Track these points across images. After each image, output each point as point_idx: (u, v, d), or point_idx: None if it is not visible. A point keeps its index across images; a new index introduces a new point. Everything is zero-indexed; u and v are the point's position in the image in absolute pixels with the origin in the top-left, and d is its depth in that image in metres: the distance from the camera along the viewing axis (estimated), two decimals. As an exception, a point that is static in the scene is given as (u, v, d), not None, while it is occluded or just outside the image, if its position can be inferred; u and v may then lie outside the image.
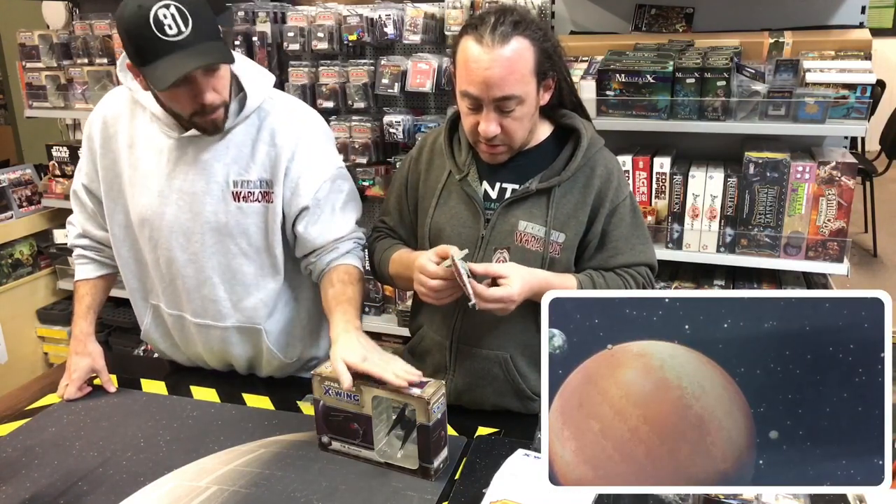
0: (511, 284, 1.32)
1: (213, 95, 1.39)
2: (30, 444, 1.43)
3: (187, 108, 1.40)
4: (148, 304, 1.70)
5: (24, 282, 3.29)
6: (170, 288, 1.62)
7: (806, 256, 2.21)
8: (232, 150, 1.50)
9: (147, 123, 1.53)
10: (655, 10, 2.49)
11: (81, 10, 3.31)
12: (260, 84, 1.52)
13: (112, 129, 1.57)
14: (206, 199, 1.51)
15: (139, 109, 1.54)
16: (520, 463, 1.22)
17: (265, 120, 1.52)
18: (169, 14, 1.29)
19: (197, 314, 1.61)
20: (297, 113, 1.57)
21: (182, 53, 1.31)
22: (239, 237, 1.54)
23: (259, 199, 1.52)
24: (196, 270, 1.56)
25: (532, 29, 1.33)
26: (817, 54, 2.23)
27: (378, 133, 2.72)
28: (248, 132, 1.51)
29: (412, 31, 2.55)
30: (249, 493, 1.26)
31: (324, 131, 1.60)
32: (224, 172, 1.50)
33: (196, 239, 1.54)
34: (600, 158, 1.46)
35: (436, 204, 1.51)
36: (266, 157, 1.51)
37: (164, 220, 1.53)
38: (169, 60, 1.31)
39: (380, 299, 2.93)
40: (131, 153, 1.55)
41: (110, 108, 1.58)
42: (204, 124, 1.44)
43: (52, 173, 3.31)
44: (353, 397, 1.30)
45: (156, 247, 1.57)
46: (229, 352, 1.66)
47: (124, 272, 1.67)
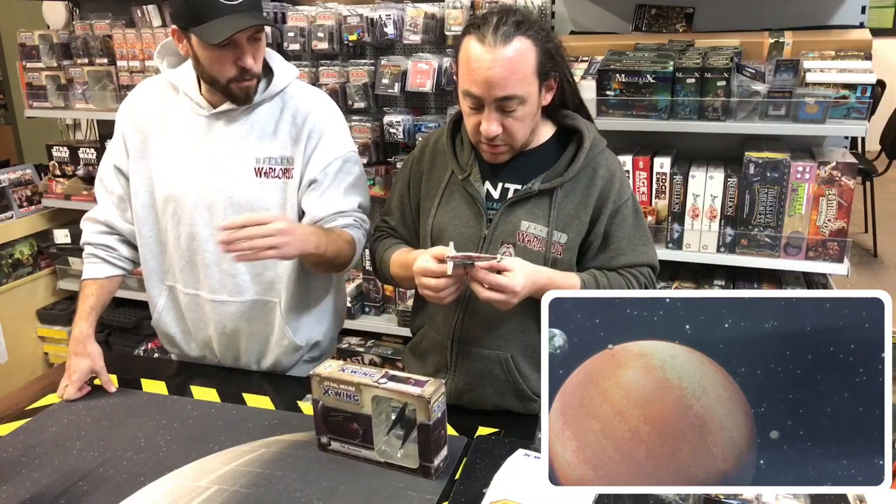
0: (515, 276, 1.32)
1: (252, 61, 1.50)
2: (30, 444, 1.43)
3: (228, 71, 1.50)
4: (164, 286, 1.74)
5: (24, 282, 3.29)
6: (188, 266, 1.67)
7: (806, 256, 2.21)
8: (256, 128, 1.60)
9: (178, 106, 1.63)
10: (655, 10, 2.49)
11: (81, 10, 3.31)
12: (287, 68, 1.64)
13: (143, 116, 1.66)
14: (230, 175, 1.59)
15: (170, 93, 1.65)
16: (520, 463, 1.22)
17: (288, 102, 1.62)
18: None
19: (214, 290, 1.66)
20: (319, 98, 1.67)
21: (236, 16, 1.43)
22: (261, 212, 1.59)
23: (280, 176, 1.61)
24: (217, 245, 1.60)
25: (534, 29, 1.33)
26: (817, 54, 2.23)
27: (378, 133, 2.72)
28: (271, 112, 1.61)
29: (412, 31, 2.55)
30: (249, 493, 1.26)
31: (341, 117, 1.69)
32: (248, 149, 1.59)
33: (219, 213, 1.60)
34: (602, 159, 1.47)
35: (438, 204, 1.51)
36: (287, 135, 1.60)
37: (188, 195, 1.61)
38: (223, 20, 1.43)
39: (380, 299, 2.93)
40: (162, 134, 1.64)
41: (141, 98, 1.69)
42: (238, 91, 1.54)
43: (52, 173, 3.31)
44: (353, 397, 1.30)
45: (179, 223, 1.64)
46: (241, 331, 1.69)
47: (143, 252, 1.72)
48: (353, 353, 2.93)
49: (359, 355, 2.93)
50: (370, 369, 1.33)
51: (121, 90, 3.03)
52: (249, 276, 1.65)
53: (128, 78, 3.02)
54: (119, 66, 3.03)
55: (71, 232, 3.25)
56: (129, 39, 2.99)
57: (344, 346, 2.94)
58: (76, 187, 3.21)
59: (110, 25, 3.04)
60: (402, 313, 2.82)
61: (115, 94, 3.04)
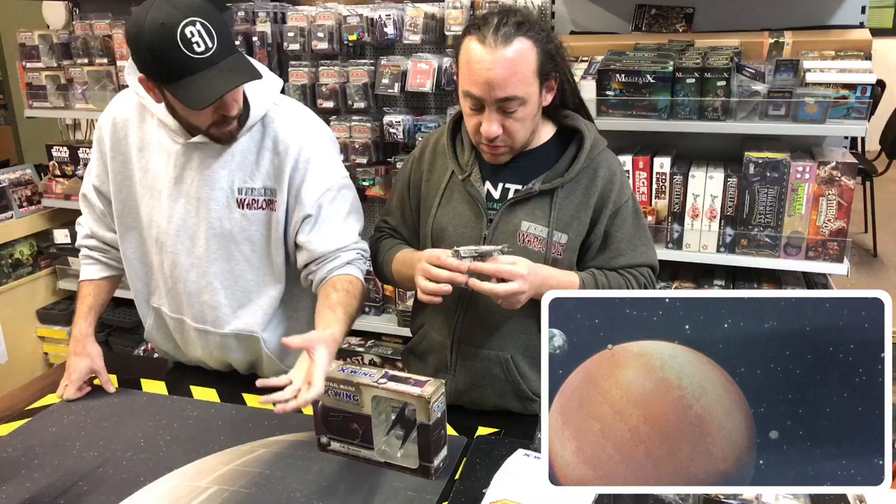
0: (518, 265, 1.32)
1: (235, 107, 1.40)
2: (30, 444, 1.43)
3: (208, 120, 1.40)
4: (150, 307, 1.70)
5: (24, 282, 3.29)
6: (172, 291, 1.62)
7: (806, 256, 2.20)
8: (237, 157, 1.50)
9: (155, 128, 1.53)
10: (655, 10, 2.49)
11: (81, 10, 3.30)
12: (264, 92, 1.51)
13: (122, 131, 1.58)
14: (212, 205, 1.52)
15: (147, 113, 1.54)
16: (520, 463, 1.22)
17: (269, 127, 1.51)
18: (195, 31, 1.27)
19: (197, 319, 1.62)
20: (302, 121, 1.55)
21: (213, 70, 1.30)
22: (243, 244, 1.55)
23: (263, 207, 1.53)
24: (198, 275, 1.57)
25: (535, 30, 1.33)
26: (817, 54, 2.23)
27: (378, 133, 2.72)
28: (252, 139, 1.51)
29: (412, 31, 2.55)
30: (249, 493, 1.26)
31: (328, 140, 1.58)
32: (229, 179, 1.51)
33: (200, 244, 1.54)
34: (603, 160, 1.47)
35: (438, 204, 1.51)
36: (270, 164, 1.51)
37: (171, 223, 1.55)
38: (201, 78, 1.29)
39: (380, 299, 2.93)
40: (141, 156, 1.56)
41: (120, 111, 1.59)
42: (220, 135, 1.45)
43: (52, 173, 3.31)
44: (353, 397, 1.30)
45: (161, 249, 1.58)
46: (229, 356, 1.67)
47: (129, 273, 1.67)
48: (353, 353, 2.93)
49: (359, 355, 2.93)
50: (370, 369, 1.33)
51: (120, 90, 3.01)
52: (230, 309, 1.60)
53: (128, 78, 3.02)
54: (119, 66, 3.02)
55: (71, 232, 3.24)
56: (129, 39, 2.98)
57: (344, 346, 2.94)
58: (76, 187, 3.19)
59: (110, 25, 3.04)
60: (402, 313, 2.82)
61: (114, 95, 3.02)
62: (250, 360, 1.68)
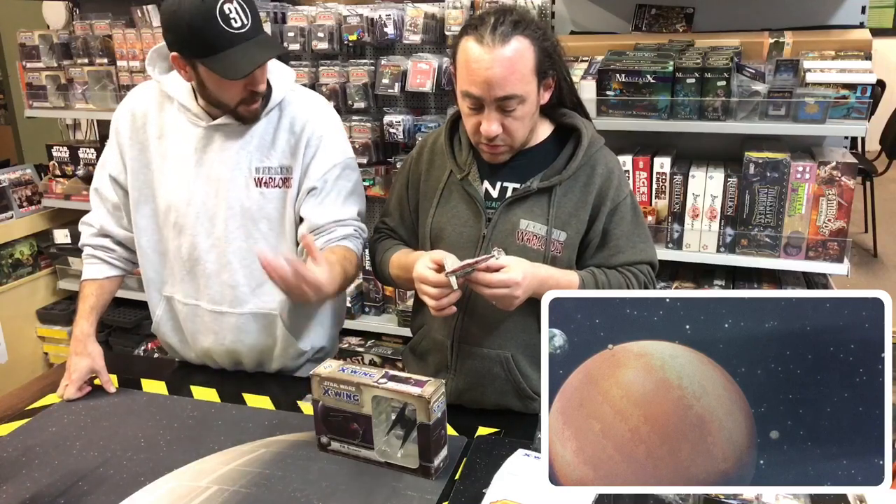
0: (511, 270, 1.32)
1: (262, 85, 1.50)
2: (30, 444, 1.43)
3: (237, 96, 1.49)
4: (161, 297, 1.73)
5: (24, 282, 3.28)
6: (189, 276, 1.66)
7: (806, 256, 2.21)
8: (255, 138, 1.58)
9: (175, 114, 1.60)
10: (655, 10, 2.49)
11: (81, 10, 3.30)
12: (283, 77, 1.62)
13: (140, 121, 1.64)
14: (231, 186, 1.58)
15: (167, 102, 1.62)
16: (520, 463, 1.22)
17: (285, 109, 1.60)
18: (233, 8, 1.39)
19: (214, 301, 1.65)
20: (317, 104, 1.65)
21: (248, 45, 1.41)
22: (261, 221, 1.60)
23: (279, 185, 1.60)
24: (218, 255, 1.61)
25: (532, 28, 1.33)
26: (817, 54, 2.23)
27: (378, 133, 2.72)
28: (269, 121, 1.59)
29: (412, 31, 2.55)
30: (249, 493, 1.26)
31: (339, 123, 1.68)
32: (248, 160, 1.58)
33: (220, 224, 1.60)
34: (601, 157, 1.47)
35: (437, 204, 1.51)
36: (286, 144, 1.59)
37: (191, 206, 1.60)
38: (238, 51, 1.40)
39: (380, 299, 2.93)
40: (160, 143, 1.62)
41: (138, 102, 1.65)
42: (247, 112, 1.53)
43: (52, 173, 3.31)
44: (353, 397, 1.30)
45: (180, 233, 1.63)
46: (241, 342, 1.68)
47: (142, 262, 1.70)
48: (353, 353, 2.93)
49: (359, 355, 2.93)
50: (370, 369, 1.33)
51: (121, 90, 3.03)
52: (249, 288, 1.64)
53: (128, 78, 3.02)
54: (119, 66, 3.03)
55: (71, 232, 3.25)
56: (128, 39, 2.98)
57: (344, 346, 2.94)
58: (76, 187, 3.21)
59: (110, 25, 3.04)
60: (402, 313, 2.82)
61: (115, 94, 3.04)
62: (264, 344, 1.70)
